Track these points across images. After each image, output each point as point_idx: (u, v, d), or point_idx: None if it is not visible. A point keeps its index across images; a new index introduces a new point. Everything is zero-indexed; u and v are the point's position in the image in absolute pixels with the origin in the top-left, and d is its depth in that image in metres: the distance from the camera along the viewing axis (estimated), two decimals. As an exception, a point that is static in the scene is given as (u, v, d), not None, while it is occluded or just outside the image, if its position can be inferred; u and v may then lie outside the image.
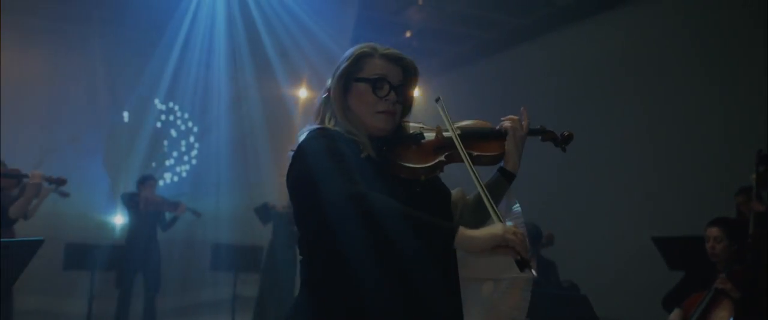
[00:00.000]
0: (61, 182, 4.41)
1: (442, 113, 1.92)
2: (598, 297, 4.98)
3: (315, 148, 1.68)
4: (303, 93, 11.25)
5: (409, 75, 1.87)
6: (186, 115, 9.42)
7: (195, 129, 9.51)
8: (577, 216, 6.66)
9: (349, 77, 1.82)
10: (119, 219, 7.49)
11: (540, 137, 2.07)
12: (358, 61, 1.83)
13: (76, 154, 7.79)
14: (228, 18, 8.47)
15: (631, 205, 6.24)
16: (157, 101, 9.03)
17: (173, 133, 9.33)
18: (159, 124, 9.15)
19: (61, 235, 6.22)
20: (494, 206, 1.65)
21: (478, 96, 10.33)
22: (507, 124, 1.97)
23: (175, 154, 9.28)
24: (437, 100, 1.94)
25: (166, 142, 9.18)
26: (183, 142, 9.41)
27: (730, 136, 5.75)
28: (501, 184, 1.97)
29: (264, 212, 6.70)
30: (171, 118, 9.31)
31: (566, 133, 2.03)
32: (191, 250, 7.62)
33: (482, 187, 1.69)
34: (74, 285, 6.39)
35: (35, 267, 5.40)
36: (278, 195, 6.61)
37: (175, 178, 9.17)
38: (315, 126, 1.81)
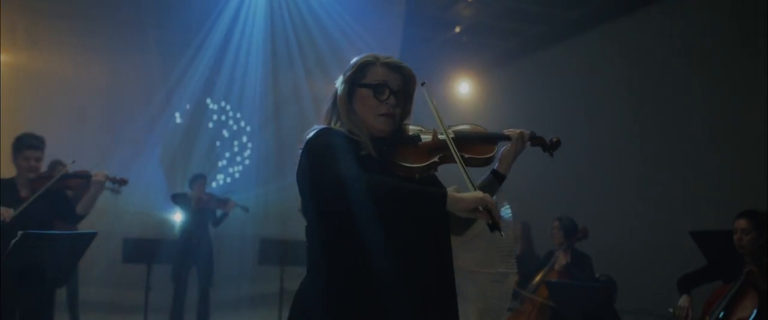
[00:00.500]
0: (122, 182, 4.71)
1: (435, 115, 2.09)
2: (634, 290, 5.08)
3: (317, 144, 1.90)
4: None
5: (408, 82, 2.06)
6: (238, 115, 9.84)
7: (248, 128, 9.93)
8: (615, 212, 6.71)
9: (354, 83, 2.03)
10: (178, 217, 7.93)
11: (537, 144, 2.24)
12: (361, 68, 2.04)
13: (134, 155, 8.32)
14: (278, 18, 8.85)
15: (667, 200, 6.25)
16: (208, 101, 9.48)
17: (225, 133, 9.78)
18: (211, 125, 9.61)
19: (121, 231, 6.67)
20: (472, 181, 1.84)
21: (529, 90, 10.40)
22: (514, 134, 2.18)
23: (227, 154, 9.72)
24: (423, 84, 2.13)
25: (218, 143, 9.63)
26: (235, 142, 9.83)
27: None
28: (492, 184, 2.17)
29: None
30: (223, 117, 9.75)
31: (554, 139, 2.21)
32: (241, 245, 8.00)
33: (471, 183, 1.87)
34: (132, 278, 6.86)
35: (97, 260, 5.87)
36: None
37: (228, 179, 9.59)
38: (321, 126, 2.04)
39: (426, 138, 2.08)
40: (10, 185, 3.80)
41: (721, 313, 3.60)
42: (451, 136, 2.03)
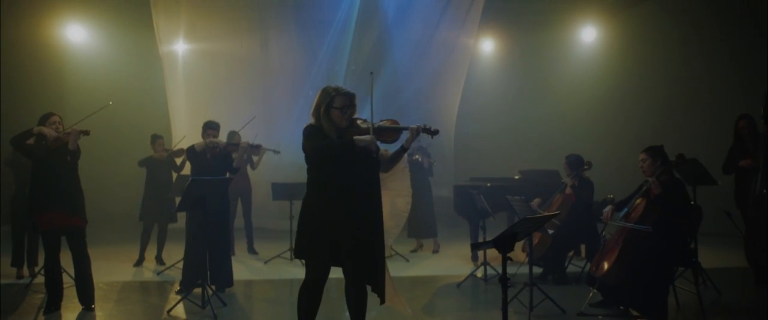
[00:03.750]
0: (257, 147, 7.72)
1: (371, 109, 4.55)
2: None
3: (306, 132, 4.39)
4: (488, 46, 13.88)
5: (353, 100, 4.40)
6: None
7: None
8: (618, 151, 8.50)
9: (329, 106, 4.40)
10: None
11: (424, 132, 4.51)
12: (333, 98, 4.37)
13: (289, 121, 11.52)
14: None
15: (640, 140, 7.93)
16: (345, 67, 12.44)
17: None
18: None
19: (277, 179, 9.80)
20: (374, 132, 4.30)
21: (653, 34, 12.06)
22: (413, 127, 4.48)
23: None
24: (371, 74, 4.60)
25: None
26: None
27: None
28: (399, 153, 4.64)
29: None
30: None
31: (434, 129, 4.49)
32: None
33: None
34: (281, 211, 10.04)
35: (255, 199, 9.03)
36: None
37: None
38: (311, 122, 4.55)
39: (364, 126, 4.48)
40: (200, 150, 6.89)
41: (624, 211, 5.76)
42: (375, 126, 4.43)
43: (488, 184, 8.57)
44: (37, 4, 11.86)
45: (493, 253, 8.20)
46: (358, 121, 4.45)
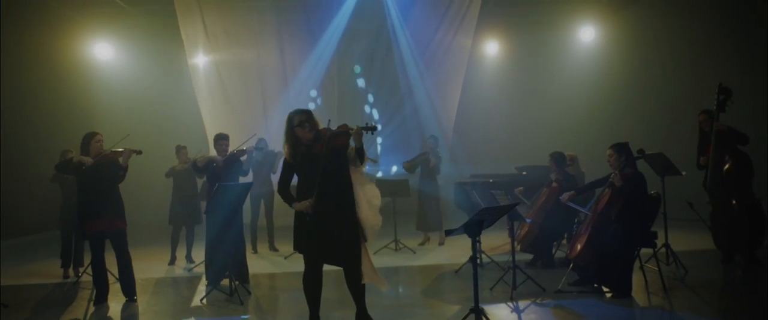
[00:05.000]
0: (259, 149, 8.69)
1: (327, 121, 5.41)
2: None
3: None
4: (492, 48, 14.70)
5: (312, 116, 5.21)
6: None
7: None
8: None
9: (291, 125, 5.23)
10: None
11: (364, 130, 5.21)
12: (293, 119, 5.24)
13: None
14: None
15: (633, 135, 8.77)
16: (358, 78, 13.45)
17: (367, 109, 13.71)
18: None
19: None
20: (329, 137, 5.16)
21: (653, 32, 12.83)
22: (355, 129, 5.19)
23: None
24: (328, 121, 5.52)
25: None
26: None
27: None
28: (361, 151, 5.27)
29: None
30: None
31: (371, 125, 5.23)
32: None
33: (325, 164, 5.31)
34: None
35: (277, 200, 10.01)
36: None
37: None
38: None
39: (326, 134, 5.22)
40: (212, 160, 7.90)
41: (592, 201, 6.64)
42: (329, 134, 5.19)
43: (491, 180, 9.44)
44: (64, 26, 13.02)
45: (490, 244, 9.20)
46: (323, 130, 5.15)
